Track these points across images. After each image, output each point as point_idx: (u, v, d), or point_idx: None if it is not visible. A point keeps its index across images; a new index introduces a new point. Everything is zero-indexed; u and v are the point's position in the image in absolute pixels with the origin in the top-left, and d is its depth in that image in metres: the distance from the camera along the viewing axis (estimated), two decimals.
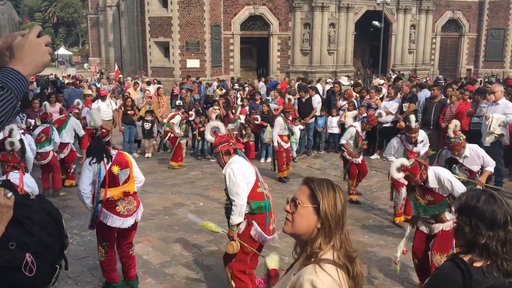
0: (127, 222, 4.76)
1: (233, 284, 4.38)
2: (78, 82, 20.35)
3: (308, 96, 12.10)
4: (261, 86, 19.79)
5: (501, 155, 8.45)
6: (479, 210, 2.01)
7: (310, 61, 29.88)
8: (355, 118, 11.75)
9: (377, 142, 11.85)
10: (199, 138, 11.93)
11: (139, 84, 16.45)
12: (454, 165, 5.94)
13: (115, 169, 4.65)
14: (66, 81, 22.11)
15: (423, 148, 7.41)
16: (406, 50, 32.50)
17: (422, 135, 7.40)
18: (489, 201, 2.03)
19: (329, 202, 1.83)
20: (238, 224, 4.24)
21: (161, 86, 17.45)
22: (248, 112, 12.25)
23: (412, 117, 7.31)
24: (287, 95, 12.24)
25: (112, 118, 12.31)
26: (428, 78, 25.50)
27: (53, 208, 1.74)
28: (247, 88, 17.57)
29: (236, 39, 29.83)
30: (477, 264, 2.00)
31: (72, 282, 5.14)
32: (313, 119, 12.14)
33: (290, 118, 10.26)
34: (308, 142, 12.32)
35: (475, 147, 6.06)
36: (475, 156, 5.92)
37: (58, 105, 11.68)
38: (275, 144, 9.77)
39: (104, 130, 5.21)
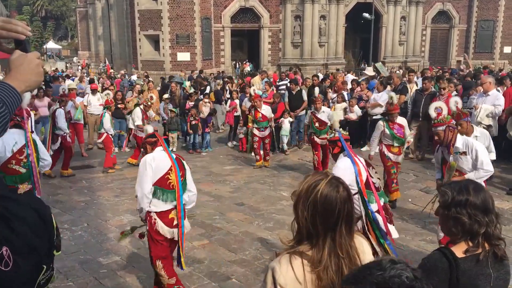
0: None
1: None
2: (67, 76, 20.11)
3: (299, 88, 12.08)
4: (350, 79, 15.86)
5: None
6: (472, 199, 2.04)
7: (301, 53, 29.84)
8: (344, 110, 11.78)
9: (368, 134, 11.89)
10: (191, 131, 11.88)
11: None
12: None
13: None
14: (52, 74, 21.84)
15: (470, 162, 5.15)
16: (396, 42, 32.56)
17: (465, 142, 5.22)
18: (478, 189, 2.07)
19: (295, 195, 1.77)
20: None
21: (151, 79, 17.40)
22: (239, 105, 12.24)
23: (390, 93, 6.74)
24: (390, 92, 9.12)
25: None
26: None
27: (40, 204, 1.70)
28: (235, 82, 17.51)
29: (226, 32, 29.69)
30: (474, 252, 2.02)
31: (63, 277, 5.13)
32: (304, 112, 12.13)
33: (398, 121, 7.62)
34: (299, 134, 12.31)
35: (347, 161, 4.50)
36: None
37: (46, 99, 11.61)
38: (372, 153, 7.76)
39: None
